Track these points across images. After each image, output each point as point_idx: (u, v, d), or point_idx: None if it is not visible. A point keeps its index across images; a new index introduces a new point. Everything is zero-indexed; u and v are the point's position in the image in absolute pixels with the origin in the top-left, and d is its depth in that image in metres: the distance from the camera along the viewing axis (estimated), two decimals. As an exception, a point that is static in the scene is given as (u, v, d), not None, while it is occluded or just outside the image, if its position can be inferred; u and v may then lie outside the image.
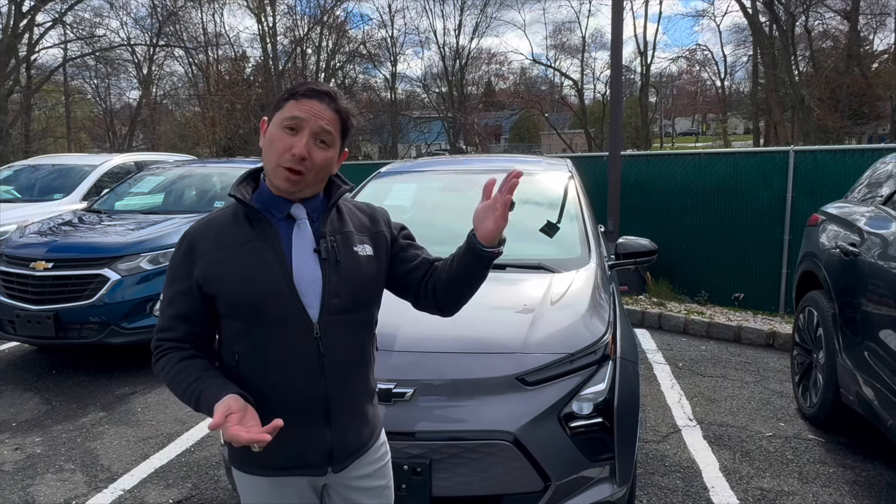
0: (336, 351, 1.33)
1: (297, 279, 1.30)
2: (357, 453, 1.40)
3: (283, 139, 1.28)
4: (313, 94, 1.31)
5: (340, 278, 1.33)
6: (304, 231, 1.34)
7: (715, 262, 6.96)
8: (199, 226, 1.37)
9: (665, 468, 3.10)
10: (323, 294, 1.31)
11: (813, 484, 2.94)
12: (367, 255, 1.39)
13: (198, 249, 1.32)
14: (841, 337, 3.14)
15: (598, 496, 2.15)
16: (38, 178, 7.38)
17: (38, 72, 25.66)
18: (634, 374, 2.37)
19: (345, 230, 1.39)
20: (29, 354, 5.04)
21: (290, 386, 1.31)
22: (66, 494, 2.93)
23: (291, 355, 1.30)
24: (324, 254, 1.33)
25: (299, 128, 1.28)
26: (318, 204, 1.38)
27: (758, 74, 29.37)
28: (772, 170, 6.49)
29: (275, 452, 1.28)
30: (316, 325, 1.31)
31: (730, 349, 5.13)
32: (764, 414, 3.75)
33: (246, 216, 1.34)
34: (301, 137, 1.28)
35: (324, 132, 1.30)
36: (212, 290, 1.31)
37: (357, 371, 1.39)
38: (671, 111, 51.30)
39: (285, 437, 1.27)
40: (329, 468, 1.37)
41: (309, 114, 1.28)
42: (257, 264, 1.30)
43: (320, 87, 1.33)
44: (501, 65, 36.62)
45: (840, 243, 3.26)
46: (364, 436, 1.42)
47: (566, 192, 3.39)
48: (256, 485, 1.38)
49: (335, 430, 1.35)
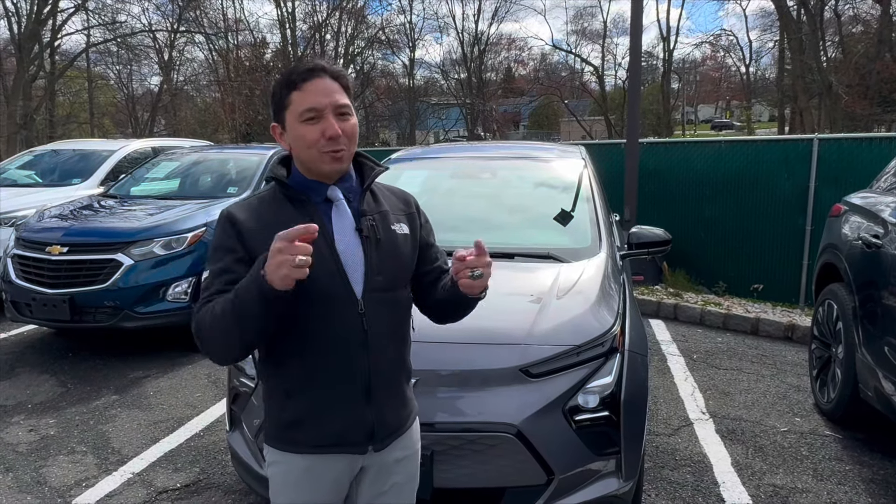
0: (379, 328, 1.35)
1: (342, 257, 1.33)
2: (396, 433, 1.42)
3: (310, 131, 1.30)
4: (310, 74, 1.31)
5: (381, 256, 1.36)
6: (342, 211, 1.36)
7: (734, 253, 6.82)
8: (239, 206, 1.38)
9: (675, 462, 3.04)
10: (366, 271, 1.34)
11: (828, 481, 2.86)
12: (404, 233, 1.43)
13: (242, 225, 1.32)
14: (861, 331, 3.04)
15: (603, 490, 2.11)
16: (58, 162, 7.46)
17: (62, 58, 26.00)
18: (643, 367, 2.32)
19: (381, 209, 1.42)
20: (47, 337, 5.13)
21: (334, 362, 1.33)
22: (76, 476, 2.97)
23: (337, 332, 1.32)
24: (366, 232, 1.35)
25: (320, 115, 1.30)
26: (351, 185, 1.40)
27: (784, 60, 28.66)
28: (794, 158, 6.32)
29: (316, 429, 1.33)
30: (360, 301, 1.33)
31: (747, 342, 5.03)
32: (779, 408, 3.67)
33: (287, 197, 1.37)
34: (326, 120, 1.30)
35: (340, 105, 1.32)
36: None
37: (397, 349, 1.42)
38: (694, 98, 50.37)
39: (326, 414, 1.33)
40: (370, 447, 1.38)
41: (321, 97, 1.30)
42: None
43: (310, 65, 1.34)
44: (521, 50, 36.22)
45: (862, 235, 3.15)
46: (402, 416, 1.44)
47: (578, 180, 3.32)
48: (292, 464, 1.37)
49: (375, 408, 1.36)
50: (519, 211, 3.20)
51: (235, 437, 2.45)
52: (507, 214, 3.17)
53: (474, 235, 3.09)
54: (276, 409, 1.37)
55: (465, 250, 1.32)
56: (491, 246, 2.97)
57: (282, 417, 1.36)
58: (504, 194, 3.37)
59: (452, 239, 2.97)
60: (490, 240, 2.99)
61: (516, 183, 3.44)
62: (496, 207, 3.24)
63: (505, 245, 2.82)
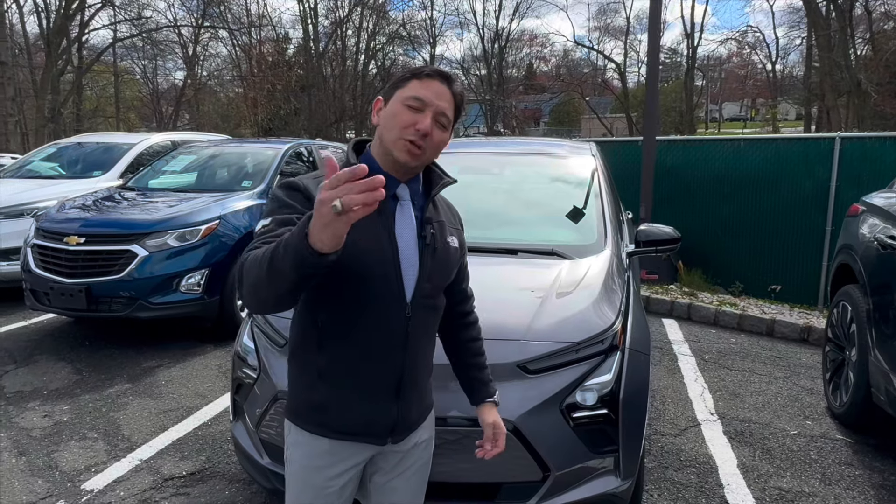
0: (418, 331, 1.40)
1: (400, 257, 1.36)
2: (413, 426, 1.49)
3: (406, 115, 1.32)
4: (437, 76, 1.36)
5: (434, 265, 1.40)
6: (406, 213, 1.38)
7: (751, 253, 6.72)
8: (310, 178, 1.35)
9: (680, 462, 3.01)
10: (419, 277, 1.38)
11: (836, 486, 2.81)
12: (454, 246, 1.48)
13: (312, 195, 1.27)
14: (874, 334, 2.97)
15: (601, 488, 2.09)
16: (80, 155, 7.61)
17: (89, 52, 26.47)
18: (644, 366, 2.29)
19: (440, 220, 1.46)
20: (65, 326, 5.24)
21: (373, 358, 1.37)
22: (86, 462, 3.04)
23: (381, 330, 1.35)
24: (428, 240, 1.39)
25: (423, 108, 1.32)
26: (418, 188, 1.43)
27: (812, 58, 28.06)
28: (815, 157, 6.20)
29: (343, 417, 1.39)
30: (409, 305, 1.37)
31: (761, 343, 4.96)
32: (790, 411, 3.61)
33: None
34: (426, 116, 1.32)
35: (443, 115, 1.35)
36: None
37: (428, 351, 1.49)
38: (718, 95, 49.56)
39: (356, 405, 1.38)
40: (389, 439, 1.44)
41: (433, 96, 1.33)
42: (371, 235, 1.32)
43: (443, 70, 1.39)
44: (543, 46, 35.97)
45: (878, 235, 3.08)
46: (422, 410, 1.51)
47: (587, 176, 3.29)
48: (313, 445, 1.41)
49: (402, 404, 1.42)
50: (525, 207, 3.19)
51: (238, 428, 2.48)
52: (513, 210, 3.16)
53: (480, 231, 3.09)
54: (306, 388, 1.41)
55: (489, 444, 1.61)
56: (495, 242, 2.97)
57: (311, 398, 1.40)
58: (511, 190, 3.35)
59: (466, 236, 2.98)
60: (494, 235, 3.01)
61: (524, 179, 3.42)
62: (502, 203, 3.23)
63: (509, 241, 2.82)
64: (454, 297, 1.58)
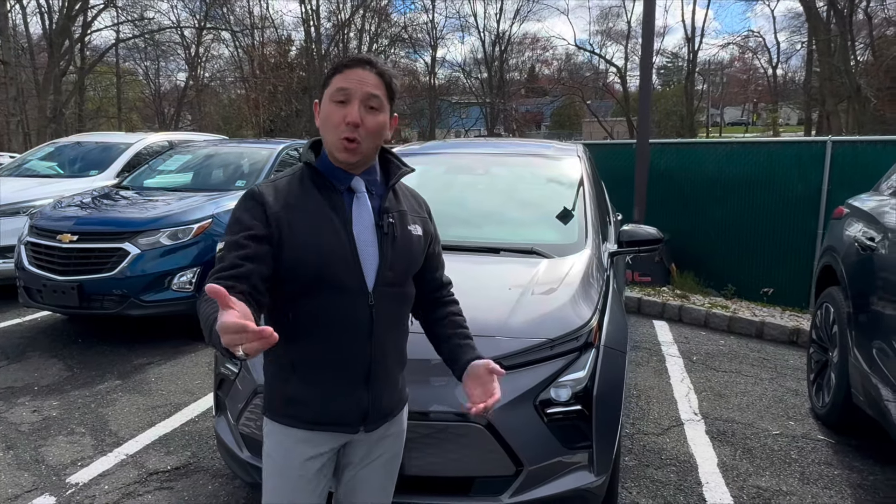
0: (384, 320, 1.42)
1: (358, 248, 1.39)
2: (387, 417, 1.51)
3: (335, 112, 1.35)
4: (355, 63, 1.37)
5: (395, 253, 1.42)
6: (363, 204, 1.42)
7: (744, 255, 6.75)
8: (266, 185, 1.42)
9: (661, 461, 3.03)
10: (379, 266, 1.40)
11: (814, 485, 2.83)
12: (417, 234, 1.50)
13: (268, 204, 1.36)
14: (854, 335, 3.00)
15: (574, 483, 2.12)
16: (77, 154, 7.66)
17: (92, 53, 26.60)
18: (620, 364, 2.32)
19: (401, 209, 1.48)
20: (58, 323, 5.28)
21: (340, 349, 1.40)
22: (73, 456, 3.07)
23: (346, 321, 1.38)
24: (385, 228, 1.42)
25: (348, 98, 1.35)
26: (375, 178, 1.46)
27: (812, 63, 28.09)
28: (808, 161, 6.23)
29: (315, 408, 1.42)
30: (371, 294, 1.39)
31: (750, 345, 4.97)
32: (774, 411, 3.63)
33: (313, 182, 1.41)
34: (352, 106, 1.34)
35: (371, 97, 1.36)
36: (279, 242, 1.33)
37: (397, 340, 1.50)
38: (720, 100, 49.60)
39: (326, 396, 1.41)
40: (361, 428, 1.47)
41: (354, 83, 1.35)
42: (326, 228, 1.36)
43: (360, 55, 1.40)
44: (545, 50, 36.03)
45: (859, 237, 3.10)
46: (394, 401, 1.53)
47: (572, 177, 3.32)
48: (288, 436, 1.44)
49: (372, 393, 1.44)
50: (508, 206, 3.22)
51: (220, 423, 2.51)
52: (497, 210, 3.19)
53: (463, 229, 3.12)
54: (280, 382, 1.45)
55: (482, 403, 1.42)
56: (477, 240, 3.01)
57: (284, 391, 1.44)
58: (495, 190, 3.39)
59: (442, 234, 3.00)
60: (476, 234, 3.04)
61: (509, 179, 3.46)
62: (486, 203, 3.27)
63: (491, 240, 2.85)
64: (429, 285, 1.60)
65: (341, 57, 1.48)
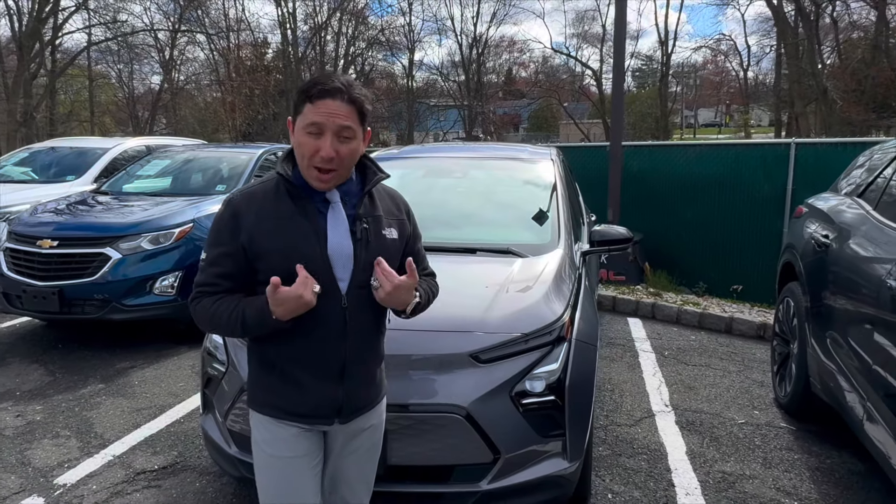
0: (358, 320, 1.51)
1: (331, 255, 1.47)
2: (362, 410, 1.60)
3: (308, 143, 1.41)
4: (325, 94, 1.40)
5: (368, 256, 1.50)
6: (338, 213, 1.49)
7: (714, 254, 6.96)
8: (243, 195, 1.51)
9: (632, 450, 3.18)
10: (353, 269, 1.49)
11: (775, 469, 3.00)
12: (392, 238, 1.57)
13: (243, 216, 1.46)
14: (811, 327, 3.18)
15: (548, 470, 2.24)
16: (54, 159, 7.61)
17: (63, 56, 26.14)
18: (591, 356, 2.45)
19: (376, 213, 1.56)
20: (38, 329, 5.26)
21: (315, 348, 1.49)
22: (59, 458, 3.11)
23: (320, 322, 1.47)
24: (359, 234, 1.50)
25: (321, 131, 1.40)
26: (351, 186, 1.53)
27: (781, 66, 28.80)
28: (773, 162, 6.47)
29: (293, 401, 1.52)
30: (344, 296, 1.49)
31: (719, 340, 5.16)
32: (740, 402, 3.81)
33: (288, 192, 1.49)
34: (325, 140, 1.40)
35: (344, 129, 1.41)
36: (256, 254, 1.46)
37: (372, 339, 1.59)
38: (694, 102, 50.50)
39: (304, 389, 1.52)
40: (336, 420, 1.56)
41: (326, 116, 1.39)
42: (298, 237, 1.45)
43: (331, 84, 1.41)
44: (522, 52, 36.33)
45: (815, 235, 3.29)
46: (370, 395, 1.62)
47: (545, 179, 3.46)
48: (270, 425, 1.55)
49: (346, 388, 1.54)
50: (484, 208, 3.35)
51: (208, 420, 2.58)
52: (473, 211, 3.32)
53: (442, 231, 3.24)
54: (262, 375, 1.57)
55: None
56: (454, 241, 3.12)
57: (265, 385, 1.56)
58: (472, 193, 3.52)
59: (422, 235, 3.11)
60: (454, 236, 3.16)
61: (485, 182, 3.59)
62: (463, 205, 3.39)
63: (469, 240, 2.97)
64: None
65: (313, 78, 1.52)
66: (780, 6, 24.97)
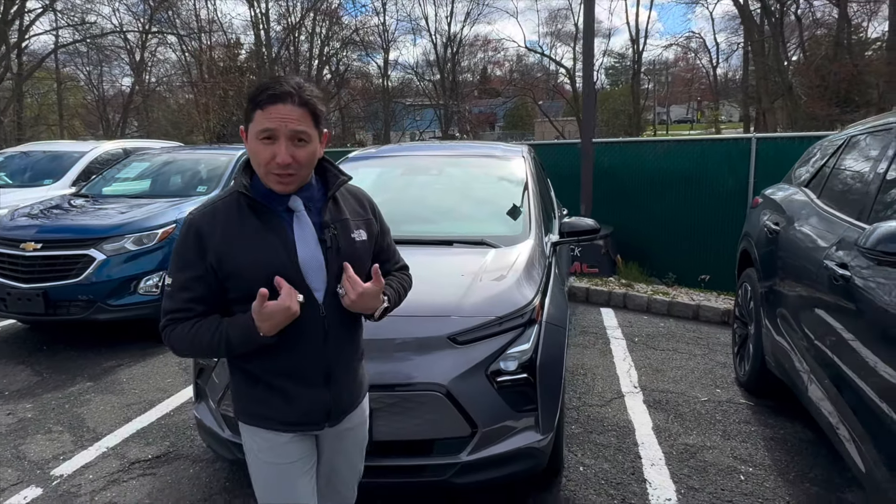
0: (337, 326, 1.52)
1: (303, 266, 1.44)
2: (349, 409, 1.62)
3: (263, 150, 1.38)
4: (275, 99, 1.36)
5: (341, 263, 1.48)
6: (304, 222, 1.47)
7: (682, 246, 7.24)
8: (204, 213, 1.45)
9: (603, 427, 3.39)
10: (327, 278, 1.47)
11: (733, 440, 3.24)
12: (362, 239, 1.56)
13: (207, 236, 1.41)
14: (765, 309, 3.42)
15: (523, 442, 2.42)
16: (29, 164, 7.61)
17: (30, 58, 25.66)
18: (560, 338, 2.64)
19: (342, 217, 1.53)
20: (21, 332, 5.31)
21: (298, 358, 1.49)
22: (54, 451, 3.21)
23: (301, 332, 1.45)
24: (329, 242, 1.47)
25: (274, 137, 1.36)
26: (313, 192, 1.50)
27: (748, 63, 29.54)
28: (736, 156, 6.75)
29: (282, 411, 1.51)
30: (321, 305, 1.48)
31: (687, 326, 5.42)
32: (704, 382, 4.05)
33: (250, 206, 1.46)
34: (279, 145, 1.36)
35: (298, 133, 1.37)
36: (226, 273, 1.42)
37: (353, 340, 1.59)
38: (666, 98, 51.40)
39: (292, 398, 1.51)
40: (326, 424, 1.58)
41: (278, 122, 1.35)
42: (268, 252, 1.42)
43: (280, 88, 1.37)
44: (496, 51, 36.66)
45: (766, 223, 3.53)
46: (355, 393, 1.64)
47: (517, 175, 3.65)
48: (262, 437, 1.55)
49: (333, 391, 1.55)
50: (460, 203, 3.53)
51: (201, 408, 2.72)
52: (450, 206, 3.50)
53: (420, 226, 3.41)
54: (247, 388, 1.55)
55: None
56: (432, 234, 3.31)
57: (252, 397, 1.54)
58: (448, 189, 3.69)
59: (402, 230, 3.29)
60: (432, 230, 3.34)
61: (460, 178, 3.77)
62: (440, 201, 3.57)
63: (446, 233, 3.15)
64: (385, 276, 1.63)
65: (261, 83, 1.43)
66: (745, 5, 25.63)
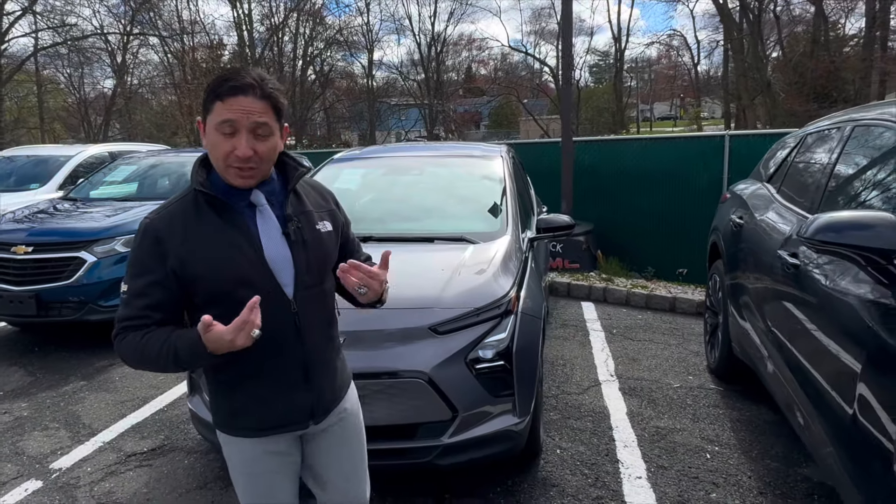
0: (311, 321, 1.46)
1: (270, 262, 1.39)
2: (331, 405, 1.57)
3: (222, 143, 1.32)
4: (237, 91, 1.31)
5: (309, 256, 1.44)
6: (267, 216, 1.42)
7: (661, 241, 7.45)
8: (161, 217, 1.38)
9: (580, 414, 3.56)
10: (295, 273, 1.42)
11: (702, 422, 3.43)
12: (327, 230, 1.51)
13: (166, 240, 1.34)
14: (731, 298, 3.61)
15: (501, 425, 2.58)
16: (14, 168, 7.65)
17: (9, 61, 25.44)
18: (536, 327, 2.80)
19: (305, 210, 1.49)
20: (12, 335, 5.38)
21: (273, 358, 1.42)
22: (52, 447, 3.32)
23: (272, 331, 1.36)
24: (293, 236, 1.42)
25: (235, 130, 1.31)
26: (274, 186, 1.45)
27: (729, 60, 29.98)
28: (710, 153, 6.97)
29: (262, 416, 1.46)
30: (292, 301, 1.42)
31: (664, 318, 5.62)
32: (677, 369, 4.24)
33: (210, 205, 1.39)
34: (240, 138, 1.31)
35: (259, 126, 1.33)
36: (190, 277, 1.35)
37: (328, 334, 1.54)
38: (649, 96, 51.94)
39: (271, 402, 1.45)
40: (311, 422, 1.53)
41: (239, 113, 1.30)
42: (232, 251, 1.37)
43: (242, 79, 1.32)
44: (480, 50, 36.86)
45: (732, 217, 3.73)
46: (337, 388, 1.58)
47: (495, 174, 3.82)
48: (244, 445, 1.50)
49: (314, 389, 1.49)
50: (441, 202, 3.69)
51: (195, 401, 2.85)
52: (431, 205, 3.66)
53: (403, 224, 3.57)
54: (223, 396, 1.49)
55: (361, 262, 1.45)
56: (414, 232, 3.47)
57: (230, 405, 1.48)
58: (429, 188, 3.85)
59: (385, 228, 3.44)
60: (414, 227, 3.50)
61: (441, 178, 3.93)
62: (421, 199, 3.72)
63: (426, 231, 3.30)
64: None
65: (221, 74, 1.36)
66: (724, 3, 26.03)
